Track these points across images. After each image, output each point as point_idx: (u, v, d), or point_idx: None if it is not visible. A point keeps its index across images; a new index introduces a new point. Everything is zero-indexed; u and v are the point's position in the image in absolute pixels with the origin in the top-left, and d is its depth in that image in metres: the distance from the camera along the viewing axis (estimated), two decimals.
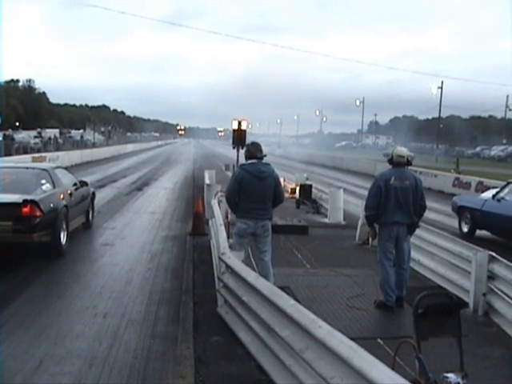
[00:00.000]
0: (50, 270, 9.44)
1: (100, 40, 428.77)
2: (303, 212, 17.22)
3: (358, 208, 13.96)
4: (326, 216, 16.24)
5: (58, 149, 61.81)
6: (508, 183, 13.77)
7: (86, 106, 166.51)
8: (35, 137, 67.26)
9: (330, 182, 29.44)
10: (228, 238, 8.57)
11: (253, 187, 7.46)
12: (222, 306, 7.19)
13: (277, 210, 8.19)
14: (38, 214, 9.53)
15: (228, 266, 7.05)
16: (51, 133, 76.21)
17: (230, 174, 22.08)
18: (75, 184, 12.56)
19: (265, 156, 7.72)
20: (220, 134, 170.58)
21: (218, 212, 10.59)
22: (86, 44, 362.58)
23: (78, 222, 12.42)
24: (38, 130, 76.64)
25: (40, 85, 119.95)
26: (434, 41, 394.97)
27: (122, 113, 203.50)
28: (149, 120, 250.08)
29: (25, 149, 44.93)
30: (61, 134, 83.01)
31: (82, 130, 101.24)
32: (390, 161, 7.78)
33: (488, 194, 14.60)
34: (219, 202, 12.37)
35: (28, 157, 32.94)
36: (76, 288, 8.53)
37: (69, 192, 11.56)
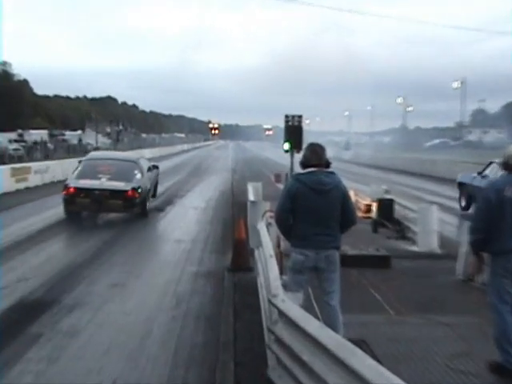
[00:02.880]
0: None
1: (101, 13, 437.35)
2: (383, 237, 17.13)
3: (460, 230, 13.72)
4: (415, 242, 16.10)
5: (47, 156, 62.38)
6: (490, 163, 22.79)
7: (85, 98, 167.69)
8: (15, 141, 67.74)
9: (419, 195, 29.31)
10: (281, 274, 8.52)
11: (312, 204, 7.56)
12: (274, 369, 7.15)
13: (346, 234, 8.12)
14: (137, 196, 20.68)
15: (281, 313, 6.99)
16: (37, 135, 76.74)
17: (281, 186, 22.18)
18: (149, 168, 23.99)
19: (330, 164, 7.79)
20: (267, 132, 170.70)
21: (266, 239, 10.59)
22: (83, 18, 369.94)
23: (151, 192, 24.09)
24: (19, 131, 76.53)
25: (20, 71, 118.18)
26: None
27: (135, 107, 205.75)
28: (170, 116, 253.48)
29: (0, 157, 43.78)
30: (51, 136, 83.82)
31: (79, 132, 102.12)
32: (506, 165, 7.59)
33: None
34: (268, 226, 12.33)
35: (5, 168, 31.23)
36: (74, 345, 8.65)
37: (149, 178, 23.04)
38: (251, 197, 19.02)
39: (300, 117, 24.62)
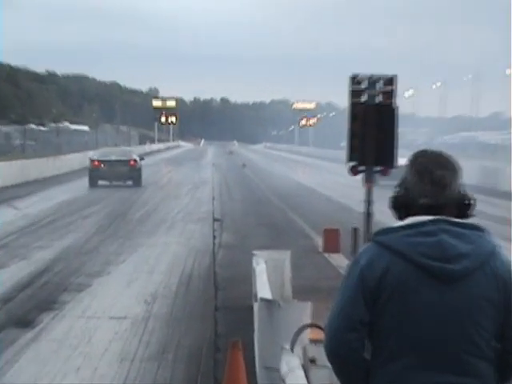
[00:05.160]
0: None
1: None
2: None
3: None
4: None
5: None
6: None
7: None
8: None
9: None
10: None
11: (423, 313, 3.23)
12: None
13: None
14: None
15: None
16: None
17: (342, 265, 15.14)
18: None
19: (470, 203, 3.38)
20: (305, 122, 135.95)
21: None
22: None
23: None
24: None
25: None
26: None
27: None
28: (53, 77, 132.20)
29: None
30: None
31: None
32: None
33: None
34: (309, 365, 6.57)
35: None
36: None
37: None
38: (263, 291, 9.84)
39: (391, 82, 14.94)
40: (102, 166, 39.12)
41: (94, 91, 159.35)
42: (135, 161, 40.11)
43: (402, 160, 4.60)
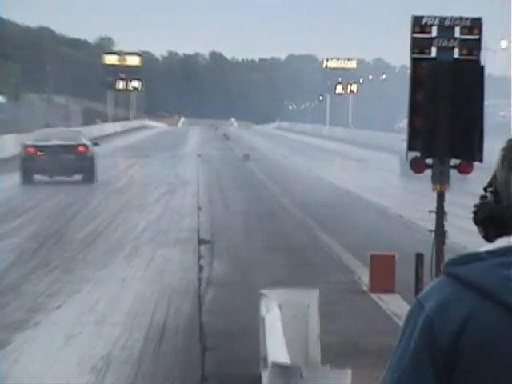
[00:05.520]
0: None
1: None
2: None
3: None
4: None
5: None
6: None
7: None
8: None
9: None
10: None
11: None
12: None
13: None
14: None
15: None
16: None
17: (392, 308, 14.12)
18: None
19: None
20: (341, 87, 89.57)
21: None
22: None
23: None
24: None
25: None
26: None
27: None
28: None
29: None
30: None
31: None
32: None
33: None
34: None
35: None
36: None
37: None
38: (276, 351, 8.85)
39: (475, 28, 12.61)
40: (39, 153, 31.27)
41: (14, 41, 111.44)
42: (85, 146, 32.34)
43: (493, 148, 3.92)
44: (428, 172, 13.50)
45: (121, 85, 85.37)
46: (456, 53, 12.80)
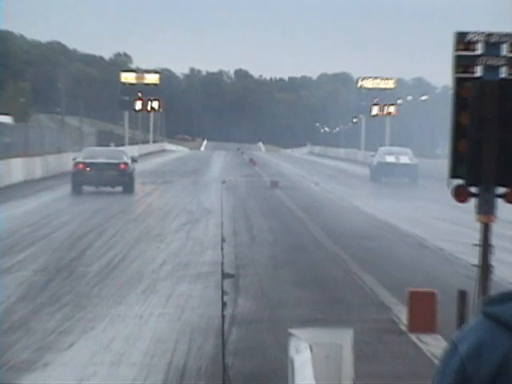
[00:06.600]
0: None
1: None
2: None
3: None
4: None
5: None
6: None
7: None
8: None
9: None
10: None
11: None
12: None
13: None
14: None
15: None
16: None
17: (433, 349, 13.64)
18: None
19: None
20: (378, 108, 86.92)
21: None
22: None
23: None
24: None
25: None
26: None
27: None
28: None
29: None
30: None
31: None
32: None
33: None
34: None
35: None
36: None
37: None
38: None
39: None
40: (88, 169, 39.50)
41: (23, 57, 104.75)
42: (126, 164, 40.74)
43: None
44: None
45: (138, 105, 78.40)
46: (503, 72, 12.30)
